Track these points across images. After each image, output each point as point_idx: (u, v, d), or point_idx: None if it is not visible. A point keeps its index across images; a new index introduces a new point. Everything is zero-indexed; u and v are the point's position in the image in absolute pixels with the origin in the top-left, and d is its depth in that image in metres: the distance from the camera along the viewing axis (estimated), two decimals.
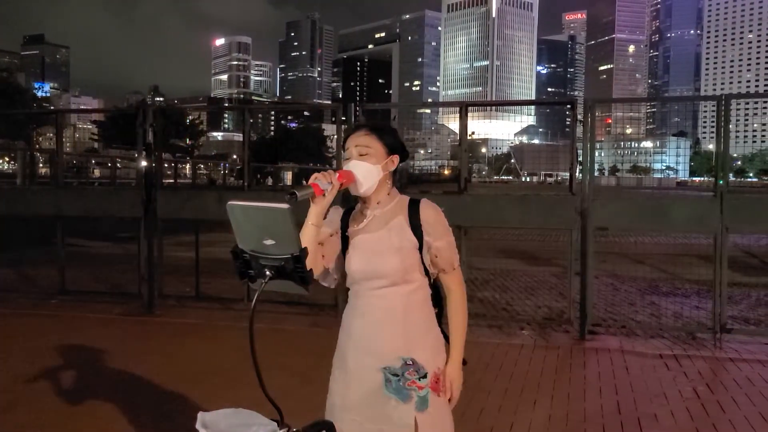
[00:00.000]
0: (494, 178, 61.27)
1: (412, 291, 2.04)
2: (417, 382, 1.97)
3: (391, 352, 1.99)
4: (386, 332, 2.00)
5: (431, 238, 2.05)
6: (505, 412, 4.37)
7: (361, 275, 2.02)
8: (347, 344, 2.07)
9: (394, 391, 1.96)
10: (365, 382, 2.00)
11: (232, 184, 32.68)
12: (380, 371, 1.98)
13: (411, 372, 1.97)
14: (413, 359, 1.99)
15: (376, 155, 2.02)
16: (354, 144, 2.04)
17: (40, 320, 7.04)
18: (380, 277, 2.00)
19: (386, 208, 2.07)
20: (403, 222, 2.04)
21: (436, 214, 2.08)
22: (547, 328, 6.74)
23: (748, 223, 6.30)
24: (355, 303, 2.07)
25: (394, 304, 2.01)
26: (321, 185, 1.81)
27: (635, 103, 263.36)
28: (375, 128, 2.08)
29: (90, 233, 13.35)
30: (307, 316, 7.05)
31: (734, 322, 6.76)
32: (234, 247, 1.51)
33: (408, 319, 2.02)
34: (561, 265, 9.64)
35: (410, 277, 2.03)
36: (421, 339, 2.04)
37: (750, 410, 4.42)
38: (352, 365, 2.04)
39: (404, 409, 1.96)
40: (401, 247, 2.01)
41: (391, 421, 1.96)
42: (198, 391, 4.68)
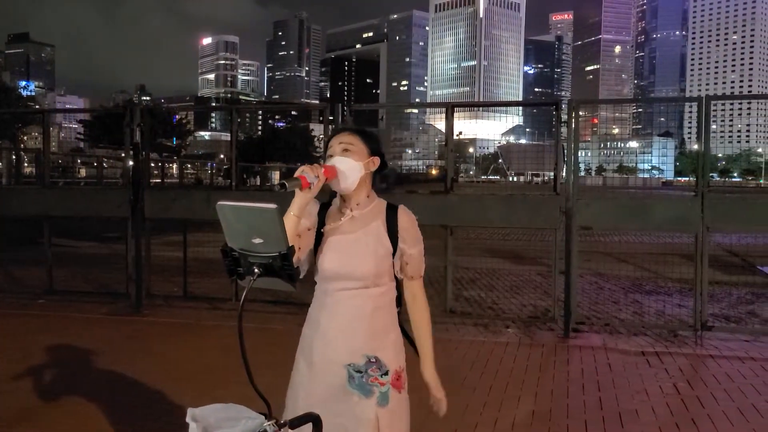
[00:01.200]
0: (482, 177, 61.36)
1: (381, 294, 2.10)
2: (379, 378, 2.05)
3: (357, 350, 2.06)
4: (354, 331, 2.06)
5: (406, 245, 2.12)
6: (490, 409, 4.45)
7: (333, 275, 2.07)
8: (313, 339, 2.12)
9: (357, 386, 2.04)
10: (330, 377, 2.06)
11: (219, 183, 32.62)
12: (344, 367, 2.05)
13: (374, 369, 2.05)
14: (377, 357, 2.06)
15: (358, 153, 2.08)
16: (338, 141, 2.10)
17: (27, 320, 7.04)
18: (353, 279, 2.06)
19: (364, 210, 2.12)
20: (381, 227, 2.10)
21: (413, 222, 2.15)
22: (531, 327, 6.83)
23: (728, 222, 6.42)
24: (324, 300, 2.11)
25: (363, 305, 2.07)
26: (308, 178, 1.86)
27: (619, 104, 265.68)
28: (357, 130, 2.15)
29: (76, 233, 13.32)
30: (295, 316, 7.08)
31: (715, 320, 6.88)
32: (223, 245, 1.56)
33: (374, 320, 2.09)
34: (546, 264, 9.74)
35: (381, 281, 2.10)
36: (384, 338, 2.11)
37: (728, 406, 4.52)
38: (317, 360, 2.09)
39: (366, 404, 2.03)
40: (377, 252, 2.07)
41: (353, 415, 2.03)
42: (186, 389, 4.71)
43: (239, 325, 1.51)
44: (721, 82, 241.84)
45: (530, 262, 11.68)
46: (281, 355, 2.13)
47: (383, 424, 2.03)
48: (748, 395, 4.74)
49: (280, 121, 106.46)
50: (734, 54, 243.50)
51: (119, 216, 7.54)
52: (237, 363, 1.54)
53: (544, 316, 7.05)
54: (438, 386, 2.22)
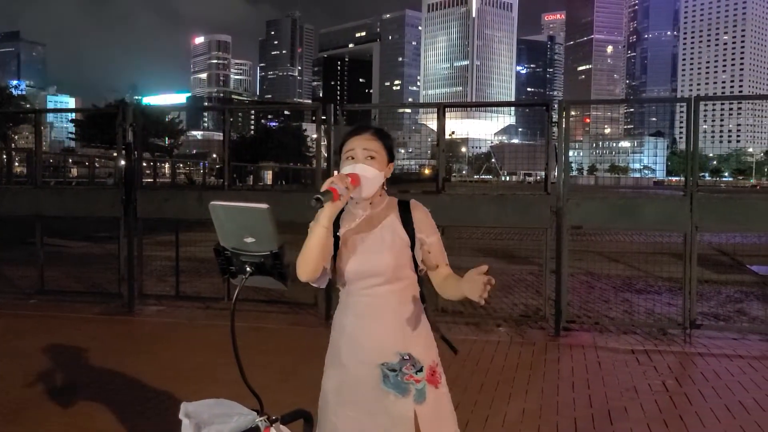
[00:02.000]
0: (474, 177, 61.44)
1: (404, 288, 2.12)
2: (414, 375, 2.04)
3: (388, 347, 2.05)
4: (382, 329, 2.07)
5: (423, 234, 2.14)
6: (481, 407, 4.49)
7: (355, 275, 2.08)
8: (340, 342, 2.12)
9: (393, 385, 2.03)
10: (361, 378, 2.05)
11: (211, 183, 32.54)
12: (377, 367, 2.04)
13: (408, 366, 2.04)
14: (410, 354, 2.06)
15: (380, 161, 2.09)
16: (362, 147, 2.08)
17: (18, 320, 7.03)
18: (374, 275, 2.07)
19: (378, 209, 2.14)
20: (395, 220, 2.12)
21: (426, 213, 2.19)
22: (523, 325, 6.88)
23: (717, 221, 6.48)
24: (348, 301, 2.12)
25: (388, 301, 2.08)
26: (339, 190, 1.86)
27: (609, 104, 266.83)
28: (381, 133, 2.15)
29: (67, 233, 13.30)
30: (287, 315, 7.12)
31: (704, 318, 6.94)
32: (216, 244, 1.59)
33: (402, 315, 2.09)
34: (537, 264, 9.80)
35: (402, 274, 2.11)
36: (415, 334, 2.11)
37: (716, 402, 4.58)
38: (346, 362, 2.08)
39: (403, 402, 2.02)
40: (394, 244, 2.09)
41: (390, 414, 2.02)
42: (179, 388, 4.72)
43: (231, 324, 1.55)
44: (712, 82, 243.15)
45: (522, 262, 11.74)
46: (273, 353, 2.17)
47: (423, 421, 2.03)
48: (735, 392, 4.80)
49: (273, 121, 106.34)
50: (725, 54, 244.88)
51: (112, 216, 7.53)
52: (229, 362, 1.57)
53: (535, 315, 7.10)
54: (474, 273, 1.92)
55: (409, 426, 2.02)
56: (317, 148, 7.25)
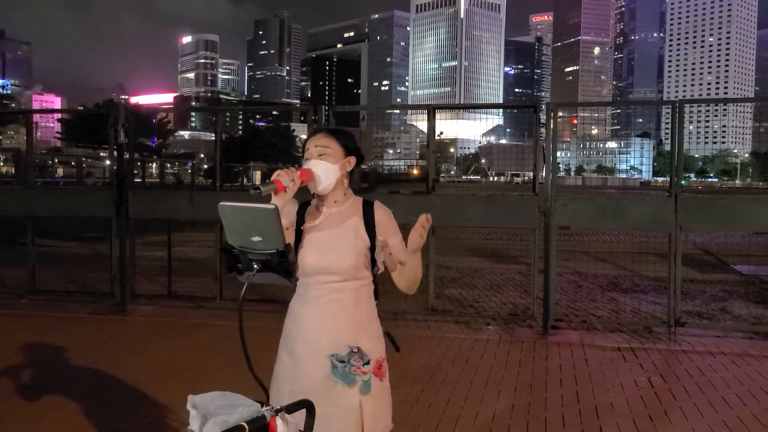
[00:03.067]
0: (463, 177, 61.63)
1: (360, 286, 2.23)
2: (361, 368, 2.16)
3: (340, 340, 2.17)
4: (337, 323, 2.18)
5: (386, 237, 2.24)
6: (471, 403, 4.58)
7: (315, 269, 2.18)
8: (296, 332, 2.23)
9: (341, 376, 2.15)
10: (313, 368, 2.17)
11: (200, 183, 32.44)
12: (328, 358, 2.16)
13: (356, 359, 2.16)
14: (359, 347, 2.18)
15: (334, 155, 2.20)
16: (314, 144, 2.21)
17: (10, 319, 7.05)
18: (334, 273, 2.18)
19: (342, 207, 2.24)
20: (359, 222, 2.23)
21: (388, 214, 2.28)
22: (511, 324, 6.98)
23: (701, 222, 6.63)
24: (306, 294, 2.22)
25: (345, 297, 2.19)
26: (283, 182, 1.98)
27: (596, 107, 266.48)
28: (333, 131, 2.27)
29: (57, 233, 13.26)
30: (280, 314, 7.10)
31: (689, 317, 7.07)
32: (224, 243, 1.67)
33: (356, 312, 2.21)
34: (526, 263, 9.92)
35: (360, 273, 2.22)
36: (366, 329, 2.23)
37: (700, 398, 4.70)
38: (300, 352, 2.20)
39: (350, 392, 2.14)
40: (356, 245, 2.19)
41: (338, 404, 2.14)
42: (172, 387, 4.78)
43: (239, 317, 1.62)
44: (698, 84, 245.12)
45: (510, 261, 11.87)
46: (264, 352, 2.23)
47: (366, 411, 2.15)
48: (718, 388, 4.92)
49: (261, 121, 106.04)
50: (711, 56, 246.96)
51: (104, 216, 7.56)
52: (222, 360, 1.64)
53: (523, 314, 7.20)
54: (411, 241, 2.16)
55: (356, 415, 2.14)
56: (303, 149, 7.30)
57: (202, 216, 7.43)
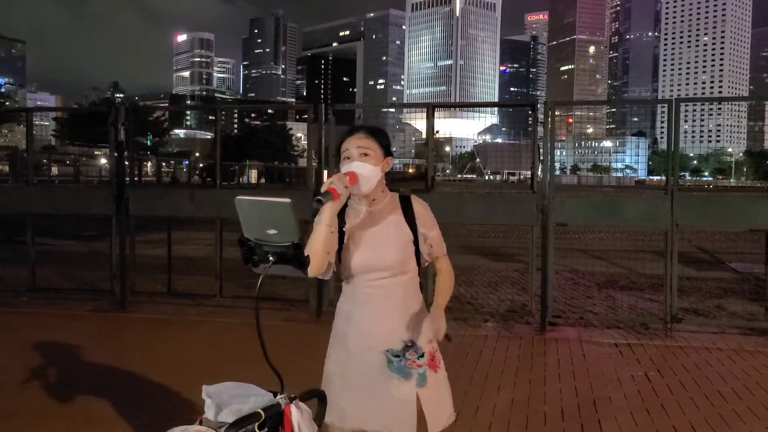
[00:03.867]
0: (458, 176, 61.78)
1: (408, 279, 2.27)
2: (416, 361, 2.20)
3: (394, 335, 2.21)
4: (389, 318, 2.22)
5: (425, 229, 2.30)
6: (471, 398, 4.64)
7: (362, 269, 2.21)
8: (347, 330, 2.25)
9: (396, 370, 2.18)
10: (367, 364, 2.20)
11: (195, 182, 32.45)
12: (382, 353, 2.19)
13: (411, 353, 2.20)
14: (412, 341, 2.22)
15: (375, 157, 2.20)
16: (355, 145, 2.19)
17: (10, 317, 7.08)
18: (381, 270, 2.21)
19: (381, 205, 2.27)
20: (399, 217, 2.26)
21: (426, 208, 2.33)
22: (509, 321, 7.04)
23: (696, 219, 6.70)
24: (354, 293, 2.25)
25: (395, 292, 2.23)
26: (338, 189, 1.99)
27: (593, 105, 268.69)
28: (372, 131, 2.26)
29: (56, 232, 13.28)
30: (280, 311, 7.22)
31: (685, 313, 7.14)
32: (240, 236, 1.72)
33: (407, 305, 2.25)
34: (523, 261, 9.99)
35: (407, 267, 2.26)
36: (418, 322, 2.26)
37: (696, 392, 4.77)
38: (353, 349, 2.23)
39: (406, 386, 2.18)
40: (400, 240, 2.23)
41: (394, 397, 2.17)
42: (174, 383, 4.81)
43: (256, 309, 1.68)
44: (692, 83, 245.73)
45: (508, 259, 11.94)
46: (268, 348, 2.28)
47: (425, 403, 2.19)
48: (714, 383, 4.99)
49: (257, 119, 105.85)
50: (705, 55, 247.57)
51: (103, 213, 7.59)
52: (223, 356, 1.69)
53: (521, 311, 7.26)
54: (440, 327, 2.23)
55: (412, 408, 2.18)
56: (308, 147, 7.36)
57: (202, 214, 7.47)
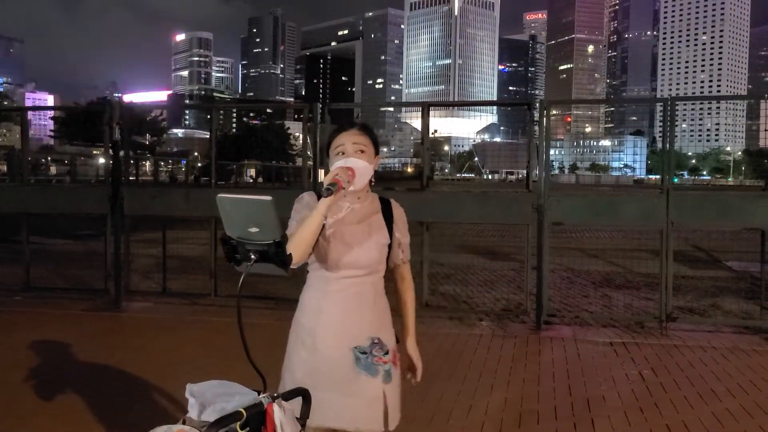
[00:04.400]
0: (457, 175, 61.91)
1: (378, 279, 2.30)
2: (382, 357, 2.22)
3: (363, 333, 2.22)
4: (360, 316, 2.23)
5: (400, 234, 2.34)
6: (464, 396, 4.63)
7: (337, 264, 2.20)
8: (316, 327, 2.22)
9: (364, 367, 2.19)
10: (337, 361, 2.19)
11: (192, 181, 32.39)
12: (350, 350, 2.20)
13: (377, 350, 2.22)
14: (379, 338, 2.24)
15: (369, 154, 2.24)
16: (351, 141, 2.21)
17: (4, 316, 7.05)
18: (358, 268, 2.22)
19: (364, 203, 2.29)
20: (380, 219, 2.29)
21: (403, 214, 2.38)
22: (505, 319, 7.04)
23: (692, 218, 6.70)
24: (325, 288, 2.23)
25: (367, 290, 2.25)
26: (342, 182, 2.02)
27: (589, 104, 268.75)
28: (367, 128, 2.29)
29: (50, 231, 13.26)
30: (273, 311, 7.20)
31: (680, 312, 7.14)
32: (223, 234, 1.72)
33: (376, 304, 2.28)
34: (519, 260, 9.97)
35: (380, 267, 2.30)
36: (384, 320, 2.31)
37: (690, 391, 4.77)
38: (322, 346, 2.20)
39: (373, 382, 2.20)
40: (378, 241, 2.26)
41: (363, 395, 2.18)
42: (167, 382, 4.80)
43: (238, 306, 1.66)
44: (691, 82, 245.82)
45: (504, 258, 11.93)
46: (258, 348, 2.27)
47: (389, 399, 2.22)
48: (708, 381, 4.99)
49: (255, 119, 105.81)
50: (704, 54, 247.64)
51: (99, 213, 7.58)
52: (216, 354, 1.68)
53: (516, 310, 7.26)
54: (419, 356, 2.41)
55: (380, 405, 2.20)
56: (303, 146, 7.35)
57: (197, 213, 7.46)
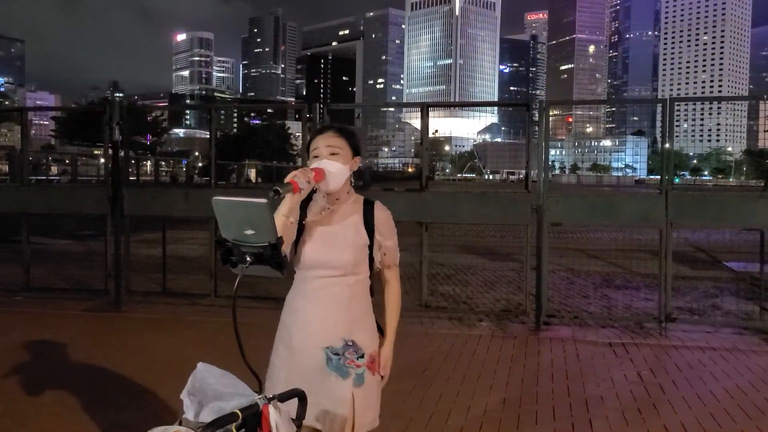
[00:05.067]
0: (458, 175, 61.94)
1: (357, 282, 2.29)
2: (355, 360, 2.23)
3: (335, 334, 2.23)
4: (332, 316, 2.24)
5: (382, 237, 2.32)
6: (463, 397, 4.64)
7: (313, 263, 2.24)
8: (293, 325, 2.28)
9: (335, 368, 2.21)
10: (309, 360, 2.23)
11: (195, 181, 32.41)
12: (323, 350, 2.22)
13: (351, 352, 2.22)
14: (353, 341, 2.24)
15: (344, 156, 2.24)
16: (325, 144, 2.23)
17: (4, 317, 7.06)
18: (331, 268, 2.24)
19: (344, 205, 2.30)
20: (359, 221, 2.29)
21: (387, 216, 2.35)
22: (504, 320, 7.04)
23: (691, 218, 6.71)
24: (303, 287, 2.28)
25: (341, 292, 2.25)
26: (300, 183, 2.02)
27: (589, 104, 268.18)
28: (343, 130, 2.30)
29: (51, 231, 13.28)
30: (274, 310, 7.17)
31: (680, 313, 7.15)
32: (218, 236, 1.72)
33: (352, 306, 2.27)
34: (519, 261, 9.97)
35: (358, 269, 2.28)
36: (361, 324, 2.30)
37: (688, 392, 4.77)
38: (296, 344, 2.26)
39: (343, 384, 2.21)
40: (355, 242, 2.26)
41: (331, 395, 2.20)
42: (167, 383, 4.79)
43: (233, 308, 1.67)
44: (692, 82, 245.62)
45: (503, 259, 11.93)
46: (257, 348, 2.29)
47: (358, 403, 2.21)
48: (707, 382, 5.00)
49: (256, 118, 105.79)
50: (705, 54, 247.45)
51: (98, 213, 7.59)
52: (216, 355, 1.68)
53: (516, 310, 7.26)
54: (387, 362, 2.38)
55: (348, 406, 2.20)
56: (302, 146, 7.36)
57: (197, 213, 7.47)
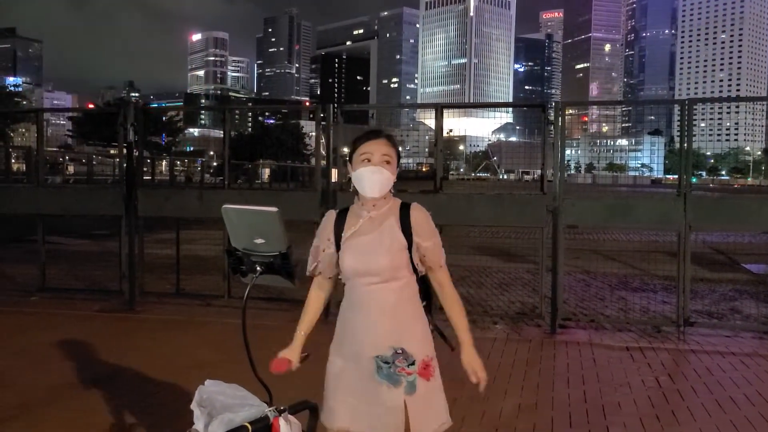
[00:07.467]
0: (472, 175, 61.60)
1: (401, 287, 2.26)
2: (406, 368, 2.20)
3: (382, 342, 2.21)
4: (379, 324, 2.22)
5: (420, 239, 2.27)
6: (477, 402, 4.56)
7: (354, 272, 2.23)
8: (344, 334, 2.30)
9: (385, 376, 2.19)
10: (359, 369, 2.22)
11: (209, 182, 32.55)
12: (372, 359, 2.20)
13: (401, 360, 2.20)
14: (403, 348, 2.21)
15: (393, 165, 2.26)
16: (380, 152, 2.24)
17: (19, 317, 7.10)
18: (372, 275, 2.21)
19: (381, 210, 2.28)
20: (395, 224, 2.25)
21: (425, 217, 2.31)
22: (519, 323, 6.97)
23: (710, 221, 6.60)
24: (351, 297, 2.28)
25: (385, 298, 2.23)
26: None
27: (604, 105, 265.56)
28: (393, 139, 2.30)
29: (65, 231, 13.36)
30: (287, 312, 7.18)
31: (698, 316, 7.03)
32: (228, 245, 1.69)
33: (398, 312, 2.24)
34: (534, 262, 9.88)
35: (399, 274, 2.25)
36: (410, 330, 2.26)
37: (707, 398, 4.68)
38: (347, 353, 2.26)
39: (394, 392, 2.19)
40: (391, 247, 2.23)
41: (383, 403, 2.18)
42: (180, 384, 4.80)
43: (243, 321, 1.63)
44: (710, 81, 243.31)
45: (519, 260, 11.83)
46: (271, 350, 2.26)
47: (412, 411, 2.19)
48: (726, 388, 4.90)
49: (270, 118, 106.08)
50: (723, 53, 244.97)
51: (113, 214, 7.60)
52: (230, 358, 1.65)
53: (531, 313, 7.18)
54: (474, 369, 2.36)
55: (400, 414, 2.18)
56: (316, 147, 7.33)
57: (210, 214, 7.45)
